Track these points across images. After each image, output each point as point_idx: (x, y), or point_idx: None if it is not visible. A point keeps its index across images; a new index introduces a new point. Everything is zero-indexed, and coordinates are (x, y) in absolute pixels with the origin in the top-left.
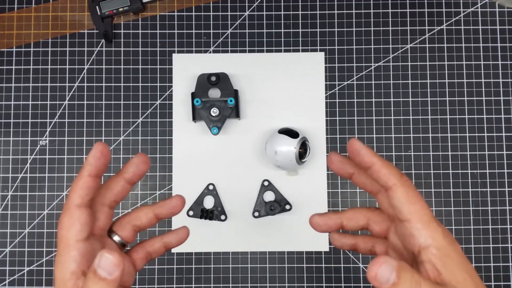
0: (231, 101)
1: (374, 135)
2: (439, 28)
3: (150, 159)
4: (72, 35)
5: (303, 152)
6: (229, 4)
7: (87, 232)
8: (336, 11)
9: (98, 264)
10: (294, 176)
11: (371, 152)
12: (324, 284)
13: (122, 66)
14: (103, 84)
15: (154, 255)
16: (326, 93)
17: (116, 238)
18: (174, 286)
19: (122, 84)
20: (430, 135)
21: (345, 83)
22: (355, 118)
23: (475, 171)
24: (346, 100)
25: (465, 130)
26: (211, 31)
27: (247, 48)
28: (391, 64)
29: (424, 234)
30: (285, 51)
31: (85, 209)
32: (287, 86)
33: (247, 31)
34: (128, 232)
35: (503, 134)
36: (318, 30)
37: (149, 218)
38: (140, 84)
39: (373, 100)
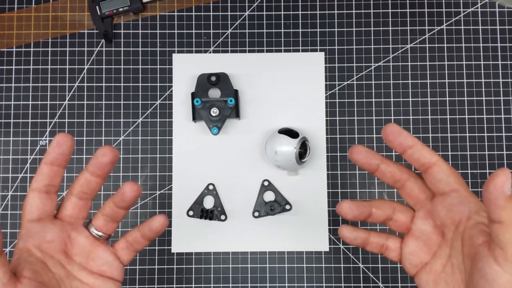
0: (231, 101)
1: (374, 135)
2: (439, 28)
3: (118, 151)
4: (72, 35)
5: (303, 152)
6: (229, 4)
7: (37, 213)
8: (336, 11)
9: None
10: (294, 176)
11: (410, 134)
12: (324, 284)
13: (122, 66)
14: (103, 84)
15: (136, 245)
16: (326, 93)
17: (93, 230)
18: (174, 286)
19: (122, 84)
20: (430, 135)
21: (345, 83)
22: (355, 118)
23: (475, 171)
24: (346, 100)
25: (465, 130)
26: (211, 31)
27: (247, 48)
28: (391, 64)
29: (473, 201)
30: (285, 51)
31: (37, 193)
32: (287, 86)
33: (247, 31)
34: (100, 221)
35: (503, 134)
36: (318, 30)
37: (109, 205)
38: (140, 84)
39: (373, 100)
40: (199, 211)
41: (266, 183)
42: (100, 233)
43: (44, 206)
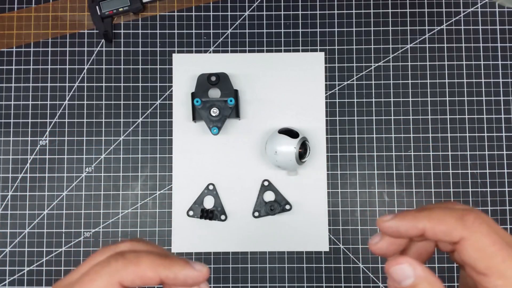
0: (231, 101)
1: (374, 135)
2: (439, 28)
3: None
4: (72, 35)
5: (303, 152)
6: (229, 4)
7: None
8: (336, 11)
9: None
10: (294, 176)
11: (410, 219)
12: (324, 284)
13: (122, 66)
14: (103, 84)
15: None
16: (326, 93)
17: None
18: None
19: (122, 84)
20: (430, 135)
21: (345, 83)
22: (355, 118)
23: (475, 171)
24: (346, 100)
25: (465, 130)
26: (211, 31)
27: (247, 48)
28: (391, 64)
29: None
30: (285, 51)
31: None
32: (287, 86)
33: (247, 31)
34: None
35: (503, 134)
36: (318, 30)
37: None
38: (140, 84)
39: (373, 100)
40: (199, 211)
41: (266, 183)
42: None
43: None
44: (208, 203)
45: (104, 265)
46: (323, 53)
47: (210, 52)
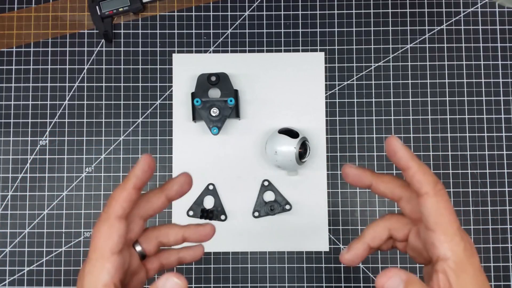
0: (231, 101)
1: (374, 135)
2: (439, 28)
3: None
4: (72, 35)
5: (303, 152)
6: (229, 4)
7: (122, 244)
8: (336, 11)
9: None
10: (294, 176)
11: (408, 155)
12: (324, 284)
13: (122, 66)
14: (103, 84)
15: (167, 267)
16: (326, 93)
17: (138, 248)
18: None
19: (122, 84)
20: (430, 135)
21: (345, 83)
22: (355, 118)
23: (475, 171)
24: (346, 100)
25: (465, 130)
26: (211, 31)
27: (247, 48)
28: (391, 64)
29: (445, 247)
30: (285, 51)
31: (124, 221)
32: (287, 86)
33: (247, 31)
34: (152, 246)
35: (503, 134)
36: (318, 30)
37: (177, 239)
38: (140, 84)
39: (373, 100)
40: (199, 211)
41: (266, 183)
42: (144, 254)
43: (126, 235)
44: (208, 203)
45: (100, 221)
46: (323, 53)
47: (210, 52)
